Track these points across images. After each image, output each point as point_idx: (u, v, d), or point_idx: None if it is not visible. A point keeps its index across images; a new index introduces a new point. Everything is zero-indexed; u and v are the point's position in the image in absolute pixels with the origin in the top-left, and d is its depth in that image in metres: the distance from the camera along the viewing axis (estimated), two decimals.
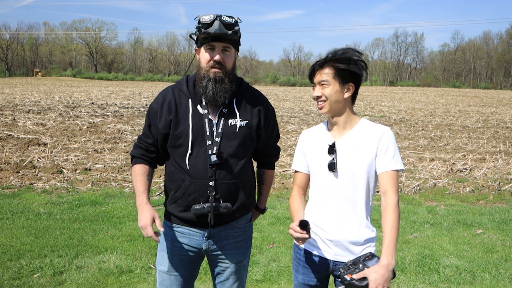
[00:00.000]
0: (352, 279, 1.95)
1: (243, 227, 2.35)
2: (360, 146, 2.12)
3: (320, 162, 2.19)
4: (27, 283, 3.82)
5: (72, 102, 22.89)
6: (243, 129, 2.21)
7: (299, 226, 2.01)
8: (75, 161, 8.86)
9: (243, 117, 2.23)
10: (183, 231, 2.27)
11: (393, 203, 2.04)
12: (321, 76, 2.13)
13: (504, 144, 12.82)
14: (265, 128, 2.33)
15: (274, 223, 5.63)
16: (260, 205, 2.55)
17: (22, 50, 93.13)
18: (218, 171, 2.16)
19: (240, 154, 2.22)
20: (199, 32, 2.10)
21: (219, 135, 2.17)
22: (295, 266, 2.33)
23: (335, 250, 2.16)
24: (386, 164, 2.09)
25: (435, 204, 6.82)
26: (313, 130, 2.34)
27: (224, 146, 2.17)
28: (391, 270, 1.97)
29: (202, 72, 2.16)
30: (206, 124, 2.17)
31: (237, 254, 2.34)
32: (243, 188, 2.25)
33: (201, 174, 2.15)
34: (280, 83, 78.16)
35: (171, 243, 2.30)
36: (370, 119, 16.78)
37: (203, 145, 2.16)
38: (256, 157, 2.45)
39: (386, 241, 2.00)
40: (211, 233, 2.26)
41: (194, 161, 2.16)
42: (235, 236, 2.32)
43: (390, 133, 2.13)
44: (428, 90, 57.20)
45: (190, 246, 2.28)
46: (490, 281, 4.12)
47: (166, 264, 2.32)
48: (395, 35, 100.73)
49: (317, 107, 2.21)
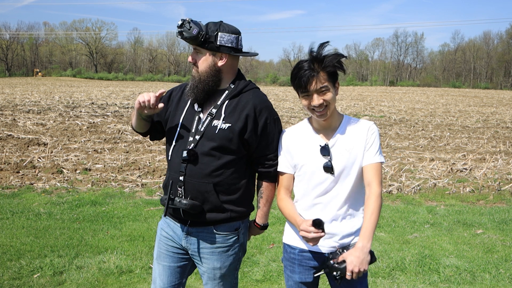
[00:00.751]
0: (333, 263, 2.06)
1: (224, 235, 2.29)
2: (351, 145, 2.17)
3: (312, 163, 2.18)
4: (27, 283, 3.82)
5: (72, 102, 22.89)
6: (223, 131, 2.19)
7: (314, 226, 2.01)
8: (75, 161, 8.86)
9: (227, 119, 2.21)
10: (169, 222, 2.38)
11: (376, 193, 2.10)
12: (319, 83, 2.08)
13: (504, 144, 12.82)
14: (255, 136, 2.24)
15: (274, 223, 5.63)
16: (258, 220, 2.42)
17: (22, 50, 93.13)
18: (189, 168, 2.22)
19: (216, 156, 2.20)
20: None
21: (199, 133, 2.23)
22: (289, 267, 2.31)
23: (329, 242, 2.19)
24: (371, 157, 2.15)
25: (435, 204, 6.82)
26: (297, 129, 2.30)
27: (201, 145, 2.22)
28: (367, 252, 2.02)
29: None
30: (195, 121, 2.26)
31: (213, 260, 2.30)
32: (220, 192, 2.22)
33: (175, 167, 2.26)
34: (280, 83, 78.16)
35: (159, 232, 2.44)
36: (370, 119, 16.80)
37: (185, 141, 2.25)
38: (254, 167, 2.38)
39: (364, 225, 2.07)
40: (189, 231, 2.31)
41: (175, 154, 2.28)
42: (213, 242, 2.28)
43: (375, 127, 2.21)
44: (428, 90, 57.19)
45: (173, 239, 2.37)
46: (490, 281, 4.12)
47: (156, 251, 2.44)
48: (395, 35, 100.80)
49: (311, 114, 2.16)
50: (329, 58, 2.08)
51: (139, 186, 7.21)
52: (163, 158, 9.27)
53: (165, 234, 2.39)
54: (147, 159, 9.21)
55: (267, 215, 2.42)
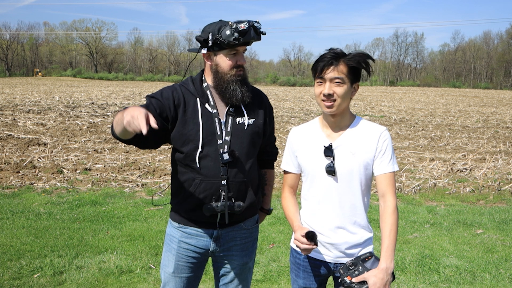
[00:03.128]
0: (351, 282, 1.96)
1: (250, 229, 2.35)
2: (357, 148, 2.07)
3: (316, 164, 2.12)
4: (27, 283, 3.82)
5: (72, 102, 22.89)
6: (251, 127, 2.23)
7: (306, 237, 1.98)
8: (75, 161, 8.86)
9: (250, 115, 2.24)
10: (191, 231, 2.25)
11: (392, 206, 2.04)
12: (336, 72, 2.01)
13: (504, 144, 12.82)
14: (270, 127, 2.37)
15: (274, 223, 5.63)
16: (265, 206, 2.53)
17: (22, 50, 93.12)
18: (230, 170, 2.16)
19: (250, 153, 2.23)
20: (236, 41, 2.06)
21: (228, 134, 2.17)
22: (294, 270, 2.29)
23: (335, 253, 2.14)
24: (385, 166, 2.06)
25: (435, 204, 6.81)
26: (304, 128, 2.25)
27: (234, 144, 2.17)
28: (390, 273, 1.97)
29: (226, 77, 2.15)
30: (216, 123, 2.17)
31: (243, 256, 2.35)
32: (252, 188, 2.25)
33: (212, 172, 2.15)
34: (280, 83, 78.19)
35: (177, 244, 2.28)
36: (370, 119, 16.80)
37: (213, 144, 2.15)
38: (259, 156, 2.42)
39: (385, 245, 2.00)
40: (219, 234, 2.25)
41: (205, 159, 2.15)
42: (242, 238, 2.32)
43: (387, 134, 2.10)
44: (428, 90, 57.18)
45: (197, 247, 2.27)
46: (490, 281, 4.12)
47: (171, 265, 2.30)
48: (395, 35, 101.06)
49: (320, 105, 2.09)
50: (355, 53, 2.03)
51: (139, 186, 7.21)
52: (163, 158, 9.27)
53: (186, 246, 2.27)
54: (147, 159, 9.21)
55: (270, 199, 2.57)
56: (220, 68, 2.17)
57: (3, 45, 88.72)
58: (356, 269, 1.99)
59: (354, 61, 2.01)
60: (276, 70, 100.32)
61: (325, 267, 2.18)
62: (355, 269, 1.99)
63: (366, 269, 1.98)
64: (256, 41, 2.13)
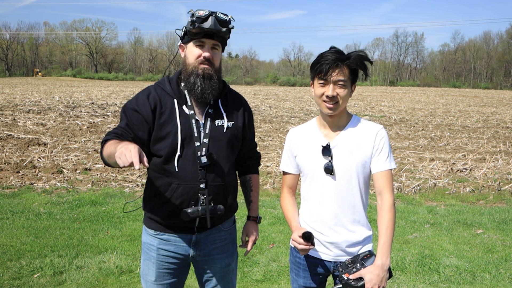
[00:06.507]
0: (348, 279, 1.98)
1: (228, 230, 2.31)
2: (355, 147, 2.09)
3: (314, 164, 2.13)
4: (27, 283, 3.82)
5: (72, 102, 22.89)
6: (230, 130, 2.17)
7: (303, 238, 2.00)
8: (75, 161, 8.85)
9: (229, 117, 2.19)
10: (169, 238, 2.18)
11: (389, 204, 2.04)
12: (340, 75, 2.01)
13: (504, 144, 12.81)
14: (249, 130, 2.31)
15: (274, 223, 5.63)
16: (253, 213, 2.42)
17: (22, 50, 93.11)
18: (208, 173, 2.09)
19: (228, 156, 2.17)
20: (191, 27, 2.02)
21: (207, 136, 2.10)
22: (294, 270, 2.29)
23: (335, 251, 2.15)
24: (382, 164, 2.08)
25: (435, 204, 6.81)
26: (302, 129, 2.26)
27: (212, 147, 2.11)
28: (386, 270, 1.98)
29: (189, 68, 2.09)
30: (193, 124, 2.10)
31: (224, 257, 2.29)
32: (230, 191, 2.21)
33: (190, 176, 2.07)
34: (280, 83, 78.12)
35: (156, 252, 2.20)
36: (370, 119, 16.80)
37: (191, 147, 2.08)
38: (241, 162, 2.36)
39: (381, 241, 2.01)
40: (198, 239, 2.19)
41: (183, 163, 2.07)
42: (222, 240, 2.27)
43: (384, 132, 2.11)
44: (428, 90, 57.18)
45: (177, 253, 2.20)
46: (490, 281, 4.12)
47: (153, 274, 2.22)
48: (395, 35, 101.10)
49: (320, 106, 2.09)
50: (356, 55, 2.02)
51: (139, 186, 7.20)
52: None
53: (165, 253, 2.20)
54: None
55: (258, 206, 2.45)
56: (187, 59, 2.12)
57: (3, 45, 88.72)
58: (355, 266, 2.01)
59: (355, 63, 2.02)
60: (276, 70, 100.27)
61: (325, 266, 2.19)
62: (353, 266, 2.01)
63: (364, 266, 2.00)
64: (220, 33, 2.05)
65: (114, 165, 1.93)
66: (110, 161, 1.95)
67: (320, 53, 2.09)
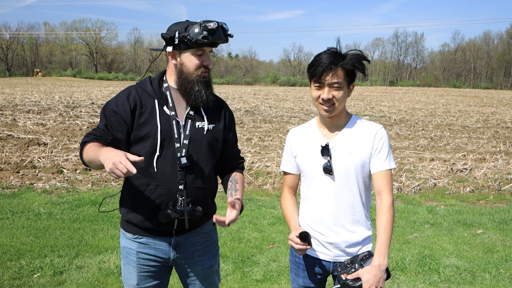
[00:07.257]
0: (346, 279, 1.98)
1: (208, 232, 2.29)
2: (354, 147, 2.08)
3: (314, 164, 2.13)
4: (27, 283, 3.82)
5: (72, 102, 22.89)
6: (210, 132, 2.16)
7: (300, 238, 2.00)
8: (75, 161, 8.85)
9: (210, 120, 2.18)
10: (148, 241, 2.16)
11: (388, 204, 2.04)
12: (334, 77, 2.01)
13: (504, 144, 12.82)
14: (231, 134, 2.30)
15: (274, 223, 5.63)
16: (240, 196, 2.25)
17: (22, 50, 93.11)
18: (187, 175, 2.07)
19: (208, 158, 2.16)
20: (204, 40, 2.00)
21: (187, 137, 2.10)
22: (294, 270, 2.29)
23: (334, 252, 2.15)
24: (381, 163, 2.07)
25: (435, 204, 6.81)
26: (302, 129, 2.26)
27: (192, 148, 2.10)
28: (384, 270, 1.97)
29: (191, 77, 2.09)
30: (174, 126, 2.09)
31: (206, 259, 2.27)
32: (209, 194, 2.20)
33: (169, 177, 2.06)
34: (280, 83, 78.12)
35: (136, 256, 2.17)
36: (370, 119, 16.80)
37: (170, 147, 2.07)
38: (224, 164, 2.32)
39: (379, 242, 2.00)
40: (178, 242, 2.17)
41: (162, 164, 2.06)
42: (202, 242, 2.25)
43: (383, 132, 2.10)
44: (428, 90, 57.19)
45: (158, 257, 2.18)
46: (490, 281, 4.12)
47: (134, 278, 2.20)
48: (395, 35, 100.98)
49: (317, 108, 2.10)
50: (351, 56, 2.02)
51: None
52: None
53: (145, 257, 2.17)
54: None
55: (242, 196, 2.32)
56: (185, 68, 2.09)
57: (3, 45, 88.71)
58: (353, 267, 2.01)
59: (350, 64, 2.02)
60: (276, 70, 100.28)
61: (325, 266, 2.19)
62: (352, 267, 2.02)
63: (363, 267, 2.00)
64: (223, 42, 2.09)
65: (96, 169, 1.92)
66: (91, 165, 1.99)
67: (316, 54, 2.09)
